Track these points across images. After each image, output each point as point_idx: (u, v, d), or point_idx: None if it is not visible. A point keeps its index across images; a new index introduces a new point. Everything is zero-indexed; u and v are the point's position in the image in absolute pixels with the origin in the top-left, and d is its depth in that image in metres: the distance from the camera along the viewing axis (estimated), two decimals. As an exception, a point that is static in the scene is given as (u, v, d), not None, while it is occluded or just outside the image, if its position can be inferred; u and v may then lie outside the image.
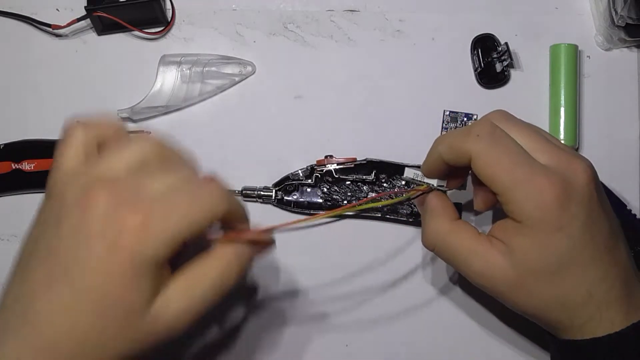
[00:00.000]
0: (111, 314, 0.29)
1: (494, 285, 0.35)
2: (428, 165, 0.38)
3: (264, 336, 0.45)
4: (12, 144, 0.46)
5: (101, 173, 0.30)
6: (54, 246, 0.30)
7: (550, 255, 0.33)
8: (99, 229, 0.29)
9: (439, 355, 0.45)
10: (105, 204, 0.29)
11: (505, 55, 0.45)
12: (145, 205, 0.29)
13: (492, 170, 0.34)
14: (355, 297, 0.45)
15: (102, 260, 0.28)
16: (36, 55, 0.47)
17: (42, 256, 0.30)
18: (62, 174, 0.32)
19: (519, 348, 0.45)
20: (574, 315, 0.34)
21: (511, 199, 0.34)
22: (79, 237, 0.29)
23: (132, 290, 0.29)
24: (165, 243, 0.29)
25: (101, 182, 0.30)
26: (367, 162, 0.45)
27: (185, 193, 0.30)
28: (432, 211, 0.38)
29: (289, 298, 0.45)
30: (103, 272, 0.29)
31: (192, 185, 0.31)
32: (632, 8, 0.43)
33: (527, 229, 0.33)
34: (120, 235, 0.28)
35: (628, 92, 0.46)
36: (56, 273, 0.29)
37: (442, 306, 0.45)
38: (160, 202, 0.29)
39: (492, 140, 0.34)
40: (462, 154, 0.35)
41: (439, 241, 0.37)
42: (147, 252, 0.29)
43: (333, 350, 0.45)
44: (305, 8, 0.48)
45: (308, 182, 0.45)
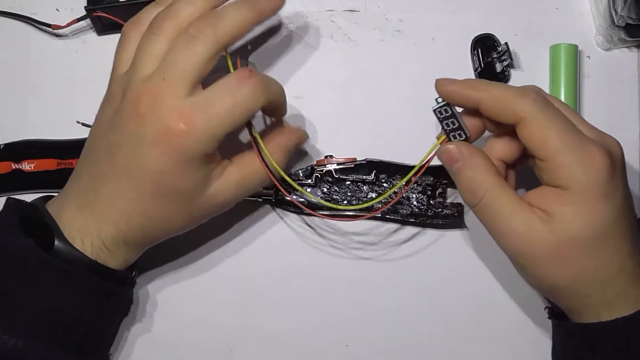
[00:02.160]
0: (168, 196, 0.36)
1: (532, 251, 0.35)
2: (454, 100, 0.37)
3: (263, 336, 0.45)
4: (12, 144, 0.46)
5: (142, 76, 0.36)
6: (115, 144, 0.36)
7: (594, 223, 0.33)
8: (150, 135, 0.35)
9: (439, 355, 0.45)
10: (152, 115, 0.35)
11: (505, 55, 0.45)
12: (188, 113, 0.35)
13: (545, 135, 0.34)
14: (355, 297, 0.45)
15: (155, 160, 0.35)
16: (36, 55, 0.47)
17: (105, 152, 0.37)
18: (114, 79, 0.38)
19: (519, 348, 0.45)
20: (606, 289, 0.35)
21: (561, 164, 0.34)
22: (134, 140, 0.35)
23: (184, 179, 0.36)
24: (207, 141, 0.35)
25: (144, 91, 0.36)
26: (367, 162, 0.45)
27: (224, 95, 0.36)
28: (478, 164, 0.36)
29: (289, 298, 0.45)
30: (157, 169, 0.36)
31: (229, 86, 0.36)
32: (632, 8, 0.43)
33: (572, 196, 0.34)
34: (168, 141, 0.35)
35: (628, 92, 0.46)
36: (117, 164, 0.36)
37: (442, 306, 0.45)
38: (200, 108, 0.35)
39: (547, 106, 0.35)
40: (512, 112, 0.35)
41: (487, 194, 0.36)
42: (193, 150, 0.35)
43: (333, 350, 0.45)
44: (305, 8, 0.48)
45: (308, 182, 0.45)
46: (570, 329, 0.37)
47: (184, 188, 0.36)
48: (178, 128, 0.35)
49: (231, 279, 0.45)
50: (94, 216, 0.37)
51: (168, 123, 0.35)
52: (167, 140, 0.35)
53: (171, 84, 0.35)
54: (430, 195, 0.45)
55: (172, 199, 0.37)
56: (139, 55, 0.37)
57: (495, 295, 0.45)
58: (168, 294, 0.45)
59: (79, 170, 0.39)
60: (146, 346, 0.45)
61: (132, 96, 0.36)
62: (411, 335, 0.45)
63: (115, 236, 0.37)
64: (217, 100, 0.36)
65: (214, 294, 0.45)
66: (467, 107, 0.37)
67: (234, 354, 0.45)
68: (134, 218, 0.37)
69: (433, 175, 0.45)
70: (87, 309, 0.37)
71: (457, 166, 0.37)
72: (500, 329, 0.45)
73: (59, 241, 0.36)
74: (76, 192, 0.38)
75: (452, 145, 0.37)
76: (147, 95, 0.35)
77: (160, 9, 0.38)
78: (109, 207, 0.37)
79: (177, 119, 0.35)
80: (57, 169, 0.45)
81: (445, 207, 0.44)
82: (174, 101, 0.35)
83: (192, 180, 0.36)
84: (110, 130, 0.37)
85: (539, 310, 0.43)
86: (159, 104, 0.35)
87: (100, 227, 0.37)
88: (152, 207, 0.37)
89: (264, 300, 0.45)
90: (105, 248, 0.37)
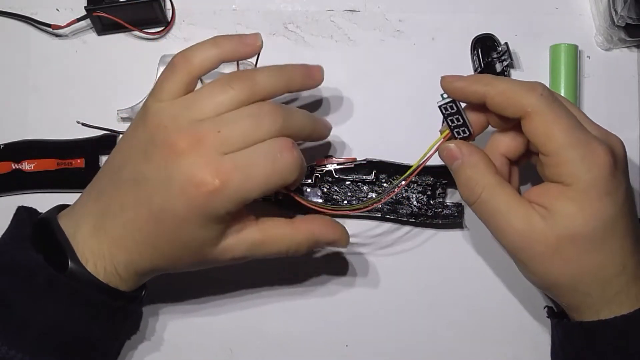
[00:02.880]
0: (184, 241, 0.36)
1: (532, 247, 0.35)
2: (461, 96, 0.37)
3: (263, 336, 0.45)
4: (12, 144, 0.46)
5: (192, 117, 0.35)
6: (140, 174, 0.35)
7: (596, 221, 0.33)
8: (181, 180, 0.34)
9: (439, 355, 0.45)
10: (189, 159, 0.34)
11: (505, 55, 0.45)
12: (226, 172, 0.34)
13: (550, 130, 0.34)
14: (355, 297, 0.45)
15: (181, 207, 0.34)
16: (36, 55, 0.47)
17: (130, 179, 0.36)
18: (158, 107, 0.36)
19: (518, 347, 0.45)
20: (606, 287, 0.35)
21: (564, 160, 0.34)
22: (164, 178, 0.34)
23: (204, 231, 0.35)
24: (236, 203, 0.34)
25: (190, 133, 0.34)
26: (367, 162, 0.45)
27: (265, 160, 0.35)
28: (476, 164, 0.36)
29: (289, 298, 0.45)
30: (180, 216, 0.35)
31: (272, 152, 0.35)
32: (632, 8, 0.43)
33: (574, 193, 0.34)
34: (198, 193, 0.34)
35: (628, 92, 0.46)
36: (141, 196, 0.35)
37: (441, 306, 0.45)
38: (240, 170, 0.34)
39: (553, 101, 0.35)
40: (518, 106, 0.35)
41: (484, 193, 0.36)
42: (220, 208, 0.34)
43: (333, 350, 0.45)
44: (305, 8, 0.48)
45: (308, 182, 0.45)
46: (568, 328, 0.37)
47: (200, 238, 0.36)
48: (212, 183, 0.34)
49: (231, 279, 0.45)
50: (109, 241, 0.36)
51: (203, 175, 0.34)
52: (198, 193, 0.34)
53: (222, 139, 0.34)
54: (430, 195, 0.45)
55: (186, 244, 0.36)
56: (201, 96, 0.36)
57: (495, 295, 0.45)
58: (168, 294, 0.45)
59: (99, 187, 0.38)
60: (146, 346, 0.45)
61: (175, 132, 0.35)
62: (411, 335, 0.45)
63: (127, 264, 0.37)
64: (258, 164, 0.35)
65: (214, 294, 0.45)
66: (473, 102, 0.37)
67: (234, 354, 0.45)
68: (147, 251, 0.36)
69: (433, 175, 0.45)
70: (95, 326, 0.37)
71: (457, 164, 0.37)
72: (500, 329, 0.45)
73: (72, 263, 0.36)
74: (94, 213, 0.37)
75: (452, 144, 0.37)
76: (192, 137, 0.34)
77: (216, 50, 0.37)
78: (125, 236, 0.36)
79: (213, 174, 0.34)
80: (57, 169, 0.45)
81: (445, 207, 0.44)
82: (215, 155, 0.34)
83: (211, 234, 0.36)
84: (141, 158, 0.36)
85: (539, 310, 0.43)
86: (201, 150, 0.34)
87: (114, 253, 0.36)
88: (166, 247, 0.36)
89: (263, 300, 0.45)
90: (118, 274, 0.37)
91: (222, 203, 0.34)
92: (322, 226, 0.39)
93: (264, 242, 0.38)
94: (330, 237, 0.39)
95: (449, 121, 0.37)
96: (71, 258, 0.36)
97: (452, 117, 0.37)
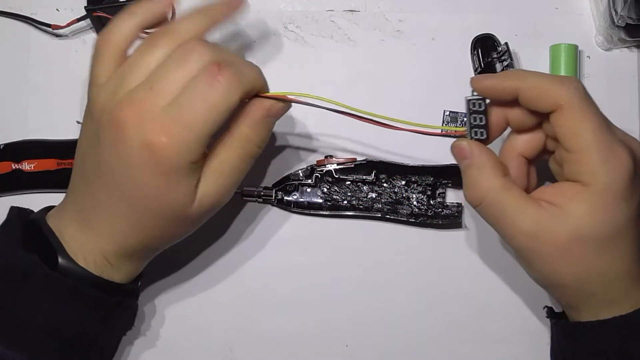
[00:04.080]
0: (164, 210, 0.36)
1: (539, 248, 0.34)
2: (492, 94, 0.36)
3: (263, 336, 0.45)
4: (12, 144, 0.46)
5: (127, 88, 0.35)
6: (100, 162, 0.36)
7: (609, 224, 0.33)
8: (134, 152, 0.34)
9: (439, 355, 0.45)
10: (134, 129, 0.34)
11: (505, 55, 0.45)
12: (168, 126, 0.34)
13: (579, 126, 0.34)
14: (355, 297, 0.45)
15: (144, 177, 0.34)
16: (36, 55, 0.47)
17: (93, 171, 0.36)
18: (95, 92, 0.37)
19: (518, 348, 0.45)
20: (609, 289, 0.35)
21: (587, 159, 0.33)
22: (120, 156, 0.34)
23: (175, 190, 0.35)
24: (190, 150, 0.34)
25: (128, 102, 0.34)
26: (367, 162, 0.45)
27: (197, 100, 0.34)
28: (483, 165, 0.36)
29: (289, 298, 0.45)
30: (147, 186, 0.35)
31: (201, 89, 0.34)
32: (632, 8, 0.43)
33: (591, 194, 0.33)
34: (152, 156, 0.34)
35: (628, 92, 0.46)
36: (107, 183, 0.36)
37: (442, 306, 0.45)
38: (178, 120, 0.34)
39: (586, 97, 0.34)
40: (550, 100, 0.34)
41: (489, 196, 0.35)
42: (178, 161, 0.34)
43: (333, 350, 0.45)
44: (305, 8, 0.48)
45: (308, 182, 0.45)
46: (567, 328, 0.38)
47: (177, 200, 0.35)
48: (160, 142, 0.33)
49: (231, 279, 0.45)
50: (94, 235, 0.37)
51: (150, 137, 0.34)
52: (152, 156, 0.34)
53: (156, 94, 0.34)
54: (430, 195, 0.45)
55: (167, 212, 0.36)
56: (130, 65, 0.36)
57: (495, 295, 0.45)
58: (168, 294, 0.45)
59: (75, 186, 0.38)
60: (146, 346, 0.45)
61: (116, 108, 0.35)
62: (411, 335, 0.45)
63: (116, 252, 0.37)
64: (192, 108, 0.34)
65: (214, 294, 0.45)
66: (504, 99, 0.36)
67: (234, 354, 0.45)
68: (133, 235, 0.37)
69: (433, 175, 0.45)
70: (92, 323, 0.37)
71: (465, 163, 0.37)
72: (500, 329, 0.45)
73: (62, 259, 0.36)
74: (76, 211, 0.38)
75: (465, 142, 0.37)
76: (130, 105, 0.34)
77: (133, 20, 0.37)
78: (108, 227, 0.37)
79: (157, 132, 0.34)
80: (57, 169, 0.45)
81: (445, 207, 0.44)
82: (155, 113, 0.34)
83: (182, 192, 0.35)
84: (95, 145, 0.36)
85: (539, 310, 0.43)
86: (141, 114, 0.34)
87: (102, 246, 0.37)
88: (150, 224, 0.36)
89: (264, 300, 0.45)
90: (109, 263, 0.37)
91: (178, 156, 0.34)
92: (263, 104, 0.37)
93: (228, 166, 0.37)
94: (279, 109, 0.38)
95: (471, 118, 0.37)
96: (61, 255, 0.36)
97: (475, 115, 0.37)
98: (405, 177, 0.45)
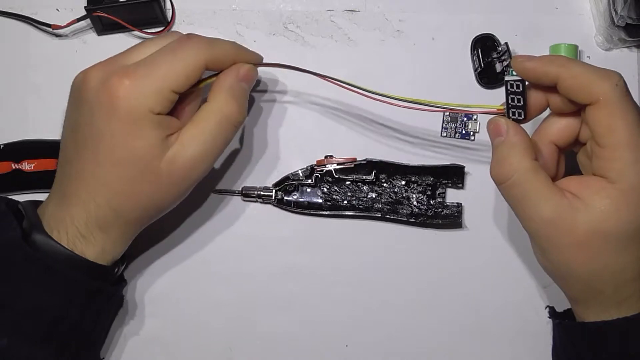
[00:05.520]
0: (126, 162, 0.36)
1: (557, 236, 0.34)
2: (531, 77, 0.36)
3: (263, 336, 0.45)
4: (12, 144, 0.46)
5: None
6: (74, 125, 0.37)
7: (630, 224, 0.33)
8: (100, 101, 0.36)
9: (439, 355, 0.45)
10: (97, 77, 0.36)
11: (505, 55, 0.45)
12: (130, 70, 0.36)
13: (615, 123, 0.33)
14: (355, 297, 0.45)
15: (106, 123, 0.35)
16: (36, 55, 0.47)
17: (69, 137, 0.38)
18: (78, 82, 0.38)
19: (518, 348, 0.45)
20: (620, 289, 0.35)
21: (618, 156, 0.33)
22: (88, 111, 0.36)
23: (136, 139, 0.36)
24: (154, 95, 0.36)
25: (96, 65, 0.37)
26: (367, 162, 0.45)
27: (166, 52, 0.37)
28: (515, 145, 0.36)
29: (289, 298, 0.45)
30: (108, 132, 0.36)
31: (171, 46, 0.37)
32: (632, 8, 0.43)
33: (616, 191, 0.33)
34: (114, 99, 0.35)
35: (628, 92, 0.46)
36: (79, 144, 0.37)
37: (441, 306, 0.45)
38: (144, 64, 0.36)
39: (626, 94, 0.34)
40: (590, 92, 0.34)
41: (515, 176, 0.35)
42: (140, 105, 0.35)
43: (333, 350, 0.45)
44: (305, 8, 0.48)
45: (308, 182, 0.45)
46: (570, 328, 0.37)
47: (138, 150, 0.36)
48: (121, 84, 0.35)
49: (231, 279, 0.45)
50: (66, 203, 0.37)
51: (112, 82, 0.35)
52: (112, 99, 0.35)
53: (126, 57, 0.37)
54: (430, 195, 0.45)
55: (130, 166, 0.36)
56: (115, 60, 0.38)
57: (495, 295, 0.45)
58: (168, 295, 0.45)
59: (59, 167, 0.39)
60: (146, 346, 0.45)
61: (86, 76, 0.37)
62: (411, 335, 0.45)
63: (86, 220, 0.37)
64: (158, 57, 0.37)
65: (214, 294, 0.45)
66: (543, 83, 0.36)
67: (234, 354, 0.45)
68: (99, 194, 0.37)
69: (433, 175, 0.45)
70: (72, 308, 0.37)
71: (498, 140, 0.37)
72: (500, 329, 0.45)
73: (36, 233, 0.36)
74: (55, 188, 0.39)
75: (502, 119, 0.37)
76: (99, 69, 0.37)
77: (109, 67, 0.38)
78: (77, 188, 0.37)
79: (120, 76, 0.35)
80: (57, 169, 0.45)
81: (445, 207, 0.44)
82: (121, 65, 0.36)
83: (146, 142, 0.36)
84: (70, 118, 0.38)
85: (539, 310, 0.43)
86: (106, 68, 0.36)
87: (72, 213, 0.37)
88: (114, 177, 0.36)
89: (263, 300, 0.45)
90: (81, 235, 0.37)
91: (138, 99, 0.35)
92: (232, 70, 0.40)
93: (204, 132, 0.38)
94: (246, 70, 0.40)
95: (509, 99, 0.37)
96: (36, 229, 0.36)
97: (514, 95, 0.37)
98: (405, 177, 0.45)
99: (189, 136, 0.37)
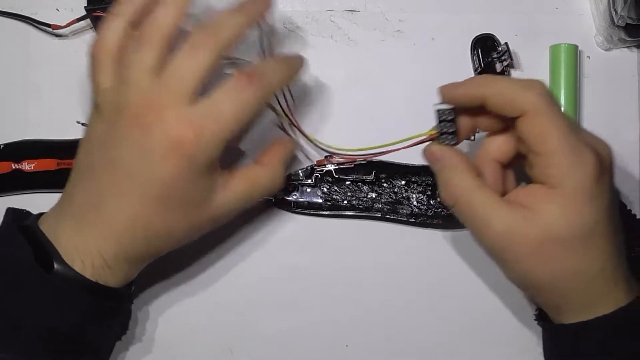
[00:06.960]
0: (176, 207, 0.36)
1: (512, 248, 0.35)
2: (461, 102, 0.37)
3: (264, 336, 0.45)
4: (12, 144, 0.46)
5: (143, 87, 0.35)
6: (115, 158, 0.36)
7: (578, 225, 0.34)
8: (159, 147, 0.34)
9: (439, 355, 0.45)
10: (158, 125, 0.35)
11: (505, 55, 0.45)
12: (197, 120, 0.35)
13: (546, 131, 0.34)
14: (355, 297, 0.45)
15: (167, 171, 0.35)
16: (36, 55, 0.47)
17: (104, 166, 0.36)
18: (103, 95, 0.37)
19: (517, 348, 0.45)
20: (586, 289, 0.35)
21: (555, 162, 0.34)
22: (141, 153, 0.35)
23: (193, 188, 0.36)
24: (216, 147, 0.35)
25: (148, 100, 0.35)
26: (367, 162, 0.45)
27: (231, 98, 0.36)
28: (456, 166, 0.37)
29: (289, 298, 0.45)
30: (168, 180, 0.35)
31: (235, 89, 0.36)
32: (632, 8, 0.43)
33: (559, 196, 0.34)
34: (179, 151, 0.34)
35: (628, 92, 0.46)
36: (120, 178, 0.35)
37: (441, 306, 0.45)
38: (209, 114, 0.35)
39: (552, 102, 0.35)
40: (516, 105, 0.35)
41: (462, 196, 0.36)
42: (203, 158, 0.35)
43: (333, 350, 0.45)
44: (305, 8, 0.48)
45: (308, 182, 0.45)
46: (552, 330, 0.38)
47: (191, 198, 0.36)
48: (188, 137, 0.34)
49: (231, 279, 0.45)
50: (95, 235, 0.36)
51: (178, 133, 0.34)
52: (179, 150, 0.34)
53: (175, 93, 0.35)
54: (430, 195, 0.45)
55: (178, 210, 0.36)
56: (130, 68, 0.36)
57: (495, 295, 0.45)
58: (168, 295, 0.45)
59: (72, 190, 0.38)
60: (146, 346, 0.45)
61: (131, 108, 0.35)
62: (411, 335, 0.45)
63: (117, 252, 0.36)
64: (223, 105, 0.35)
65: (214, 294, 0.45)
66: (472, 106, 0.37)
67: (234, 354, 0.45)
68: (138, 232, 0.36)
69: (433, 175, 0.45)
70: (85, 327, 0.37)
71: (438, 166, 0.38)
72: (500, 329, 0.45)
73: (57, 264, 0.36)
74: (72, 213, 0.37)
75: (435, 147, 0.38)
76: (149, 106, 0.35)
77: (120, 21, 0.37)
78: (113, 224, 0.36)
79: (186, 127, 0.34)
80: (57, 169, 0.45)
81: (445, 207, 0.44)
82: (180, 110, 0.35)
83: (201, 190, 0.36)
84: (107, 146, 0.36)
85: (539, 310, 0.43)
86: (164, 114, 0.35)
87: (102, 245, 0.36)
88: (157, 219, 0.36)
89: (264, 300, 0.45)
90: (107, 266, 0.36)
91: (204, 152, 0.35)
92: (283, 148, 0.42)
93: (252, 188, 0.39)
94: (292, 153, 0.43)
95: (441, 126, 0.38)
96: (56, 259, 0.36)
97: (445, 123, 0.38)
98: (405, 177, 0.45)
99: (240, 190, 0.38)
